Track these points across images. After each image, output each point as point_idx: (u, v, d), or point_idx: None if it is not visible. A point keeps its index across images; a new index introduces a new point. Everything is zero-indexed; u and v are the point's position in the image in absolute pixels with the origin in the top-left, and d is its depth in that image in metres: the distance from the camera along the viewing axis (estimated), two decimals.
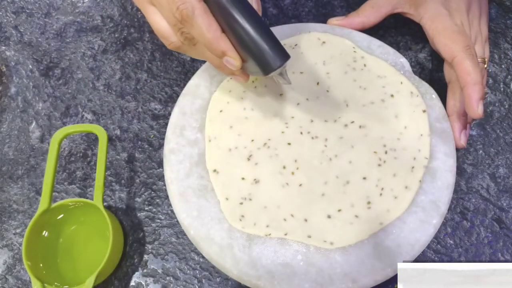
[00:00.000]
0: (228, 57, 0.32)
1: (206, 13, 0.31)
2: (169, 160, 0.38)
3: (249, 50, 0.32)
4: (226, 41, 0.32)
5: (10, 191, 0.44)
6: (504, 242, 0.40)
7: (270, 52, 0.32)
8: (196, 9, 0.30)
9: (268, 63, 0.32)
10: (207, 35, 0.31)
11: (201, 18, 0.31)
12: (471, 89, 0.37)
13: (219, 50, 0.32)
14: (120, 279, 0.41)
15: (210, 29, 0.31)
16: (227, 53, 0.32)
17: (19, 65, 0.50)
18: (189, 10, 0.30)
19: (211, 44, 0.32)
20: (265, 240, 0.35)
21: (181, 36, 0.33)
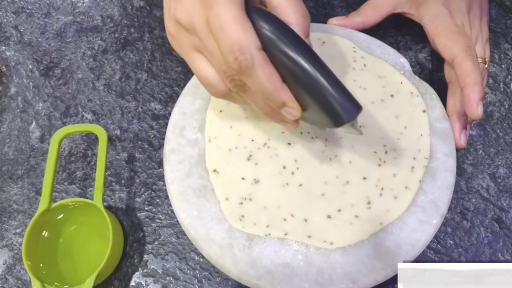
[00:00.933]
0: (288, 107, 0.30)
1: (266, 63, 0.28)
2: (169, 160, 0.38)
3: (318, 101, 0.29)
4: (287, 92, 0.30)
5: (10, 191, 0.44)
6: (504, 242, 0.40)
7: (343, 104, 0.29)
8: (256, 59, 0.28)
9: (340, 116, 0.29)
10: (268, 86, 0.29)
11: (261, 69, 0.28)
12: (471, 89, 0.37)
13: (279, 101, 0.30)
14: (120, 279, 0.41)
15: (271, 79, 0.29)
16: (287, 104, 0.30)
17: (19, 65, 0.50)
18: (249, 61, 0.28)
19: (270, 95, 0.29)
20: (265, 240, 0.35)
21: (231, 84, 0.31)
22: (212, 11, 0.28)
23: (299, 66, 0.28)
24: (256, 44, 0.28)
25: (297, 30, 0.30)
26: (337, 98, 0.29)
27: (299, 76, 0.29)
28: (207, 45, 0.29)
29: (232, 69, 0.29)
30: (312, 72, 0.28)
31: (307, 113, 0.31)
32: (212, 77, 0.31)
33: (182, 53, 0.32)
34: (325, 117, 0.30)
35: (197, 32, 0.29)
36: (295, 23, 0.30)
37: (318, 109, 0.30)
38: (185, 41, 0.31)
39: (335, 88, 0.29)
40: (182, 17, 0.30)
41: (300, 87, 0.29)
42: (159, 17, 0.51)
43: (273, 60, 0.29)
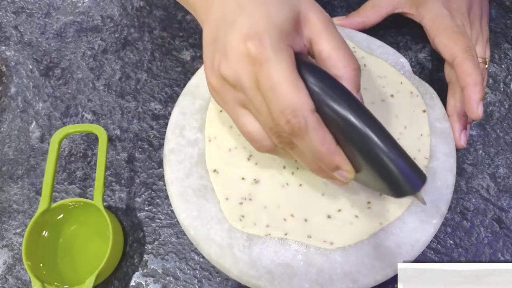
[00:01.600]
0: (342, 170, 0.28)
1: (320, 126, 0.27)
2: (169, 160, 0.38)
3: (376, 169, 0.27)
4: (341, 155, 0.28)
5: (10, 191, 0.44)
6: (504, 242, 0.40)
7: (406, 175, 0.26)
8: (309, 122, 0.26)
9: (402, 187, 0.27)
10: (321, 149, 0.27)
11: (314, 132, 0.26)
12: (471, 90, 0.37)
13: (333, 165, 0.28)
14: (120, 279, 0.41)
15: (324, 143, 0.27)
16: (341, 167, 0.28)
17: (19, 65, 0.50)
18: (302, 124, 0.26)
19: (323, 158, 0.28)
20: (265, 240, 0.35)
21: (277, 140, 0.29)
22: (262, 70, 0.26)
23: (356, 130, 0.26)
24: (309, 106, 0.26)
25: (348, 85, 0.28)
26: (399, 167, 0.26)
27: (356, 140, 0.27)
28: (255, 102, 0.28)
29: (282, 130, 0.27)
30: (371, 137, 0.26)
31: (361, 175, 0.29)
32: (258, 133, 0.30)
33: (226, 108, 0.31)
34: (384, 185, 0.28)
35: (244, 89, 0.28)
36: (346, 78, 0.28)
37: (376, 176, 0.27)
38: (230, 96, 0.29)
39: (397, 156, 0.26)
40: (228, 73, 0.28)
41: (356, 150, 0.27)
42: (159, 17, 0.51)
43: (325, 119, 0.27)
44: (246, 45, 0.26)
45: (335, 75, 0.28)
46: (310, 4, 0.30)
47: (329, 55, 0.29)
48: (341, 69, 0.28)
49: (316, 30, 0.29)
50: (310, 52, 0.30)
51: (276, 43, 0.26)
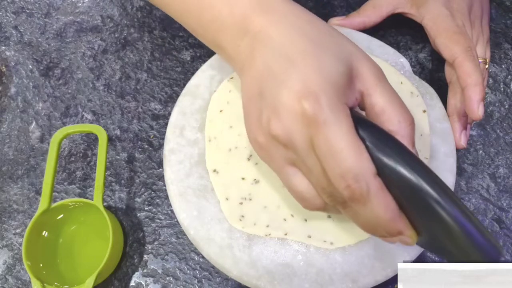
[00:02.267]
0: (404, 236, 0.26)
1: (383, 192, 0.25)
2: (169, 160, 0.38)
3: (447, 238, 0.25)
4: (404, 221, 0.26)
5: (10, 191, 0.44)
6: (504, 242, 0.40)
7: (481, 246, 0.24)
8: (372, 188, 0.25)
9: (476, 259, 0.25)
10: (383, 216, 0.25)
11: (377, 198, 0.25)
12: (472, 90, 0.37)
13: (395, 230, 0.26)
14: (120, 279, 0.41)
15: (388, 210, 0.25)
16: (404, 233, 0.26)
17: (19, 65, 0.50)
18: (364, 190, 0.24)
19: (385, 225, 0.26)
20: (265, 240, 0.35)
21: (329, 199, 0.27)
22: (320, 132, 0.25)
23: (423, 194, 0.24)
24: (372, 170, 0.25)
25: (404, 141, 0.27)
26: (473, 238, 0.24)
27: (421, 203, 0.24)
28: (307, 163, 0.26)
29: (340, 194, 0.26)
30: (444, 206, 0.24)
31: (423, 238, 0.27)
32: (308, 192, 0.28)
33: (273, 166, 0.30)
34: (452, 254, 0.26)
35: (296, 149, 0.26)
36: (402, 134, 0.27)
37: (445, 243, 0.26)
38: (279, 155, 0.28)
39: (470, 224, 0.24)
40: (280, 133, 0.26)
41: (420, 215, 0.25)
42: (159, 17, 0.51)
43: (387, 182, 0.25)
44: (302, 104, 0.25)
45: (389, 130, 0.27)
46: (361, 56, 0.28)
47: (383, 109, 0.27)
48: (396, 124, 0.27)
49: (368, 83, 0.27)
50: (360, 105, 0.29)
51: (333, 103, 0.25)
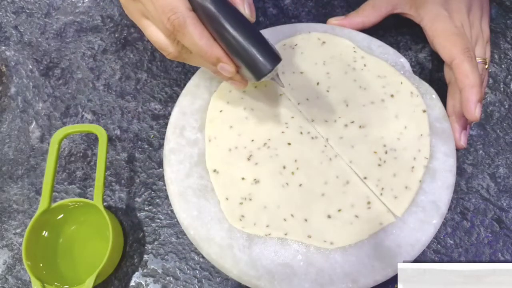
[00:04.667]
0: (222, 63, 0.33)
1: (197, 22, 0.31)
2: (169, 160, 0.38)
3: (239, 56, 0.32)
4: (218, 49, 0.32)
5: (10, 191, 0.44)
6: (504, 242, 0.40)
7: (259, 57, 0.32)
8: (187, 19, 0.30)
9: (258, 68, 0.32)
10: (199, 43, 0.31)
11: (192, 27, 0.31)
12: (469, 91, 0.37)
13: (213, 57, 0.32)
14: (120, 279, 0.41)
15: (202, 37, 0.31)
16: (221, 60, 0.32)
17: (19, 65, 0.50)
18: (180, 20, 0.30)
19: (204, 52, 0.32)
20: (265, 240, 0.35)
21: (178, 46, 0.33)
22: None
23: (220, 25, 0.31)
24: (186, 5, 0.31)
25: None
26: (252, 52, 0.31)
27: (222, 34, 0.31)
28: (149, 10, 0.32)
29: (168, 30, 0.31)
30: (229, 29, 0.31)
31: (242, 70, 0.34)
32: (162, 40, 0.34)
33: (134, 20, 0.35)
34: (249, 72, 0.33)
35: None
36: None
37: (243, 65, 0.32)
38: (133, 8, 0.34)
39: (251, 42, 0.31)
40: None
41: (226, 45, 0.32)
42: None
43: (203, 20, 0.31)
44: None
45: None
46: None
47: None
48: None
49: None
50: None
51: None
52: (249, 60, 0.32)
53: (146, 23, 0.34)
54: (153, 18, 0.33)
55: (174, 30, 0.31)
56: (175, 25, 0.31)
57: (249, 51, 0.31)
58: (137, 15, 0.34)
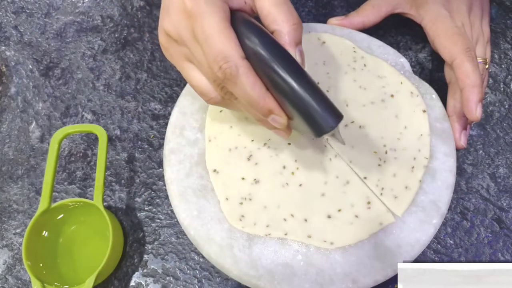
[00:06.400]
0: (275, 115, 0.30)
1: (250, 71, 0.29)
2: (169, 160, 0.38)
3: (298, 110, 0.29)
4: (271, 100, 0.30)
5: (10, 191, 0.44)
6: (504, 242, 0.40)
7: (322, 114, 0.29)
8: (240, 68, 0.28)
9: (319, 125, 0.29)
10: (252, 93, 0.29)
11: (245, 76, 0.29)
12: (470, 91, 0.37)
13: (265, 109, 0.30)
14: (120, 279, 0.41)
15: (255, 87, 0.29)
16: (273, 112, 0.30)
17: (19, 65, 0.50)
18: (233, 69, 0.28)
19: (256, 102, 0.30)
20: (265, 240, 0.35)
21: (222, 91, 0.31)
22: (197, 23, 0.29)
23: (278, 75, 0.29)
24: (239, 53, 0.29)
25: (288, 39, 0.30)
26: (315, 107, 0.29)
27: (279, 85, 0.29)
28: (196, 55, 0.30)
29: (218, 77, 0.29)
30: (288, 81, 0.29)
31: (294, 122, 0.31)
32: (204, 85, 0.32)
33: (174, 63, 0.33)
34: (307, 126, 0.30)
35: (185, 43, 0.30)
36: (286, 32, 0.30)
37: (300, 118, 0.30)
38: (176, 51, 0.32)
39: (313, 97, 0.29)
40: (170, 28, 0.31)
41: (283, 96, 0.30)
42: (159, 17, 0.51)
43: (257, 69, 0.29)
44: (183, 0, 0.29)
45: (275, 30, 0.30)
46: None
47: (269, 11, 0.30)
48: (281, 23, 0.30)
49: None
50: (254, 10, 0.32)
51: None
52: (310, 115, 0.29)
53: (189, 67, 0.32)
54: (199, 63, 0.31)
55: (225, 79, 0.29)
56: (227, 74, 0.28)
57: (310, 106, 0.29)
58: (179, 58, 0.32)
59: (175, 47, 0.32)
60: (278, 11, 0.30)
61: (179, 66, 0.33)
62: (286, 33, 0.30)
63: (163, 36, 0.32)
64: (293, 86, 0.29)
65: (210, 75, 0.30)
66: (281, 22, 0.30)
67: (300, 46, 0.31)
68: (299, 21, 0.31)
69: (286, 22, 0.30)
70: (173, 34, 0.31)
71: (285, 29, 0.30)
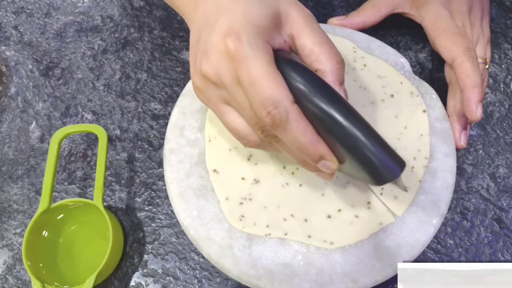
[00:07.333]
0: (326, 161, 0.29)
1: (300, 117, 0.27)
2: (169, 160, 0.38)
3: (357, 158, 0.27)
4: (323, 145, 0.28)
5: (10, 191, 0.44)
6: (504, 242, 0.40)
7: (385, 163, 0.27)
8: (290, 113, 0.27)
9: (382, 174, 0.28)
10: (303, 140, 0.27)
11: (296, 122, 0.27)
12: (470, 91, 0.37)
13: (316, 155, 0.28)
14: (120, 279, 0.41)
15: (306, 133, 0.27)
16: (325, 158, 0.28)
17: (19, 65, 0.50)
18: (283, 115, 0.27)
19: (307, 149, 0.28)
20: (265, 240, 0.35)
21: (262, 134, 0.29)
22: (242, 67, 0.27)
23: (334, 120, 0.27)
24: (289, 97, 0.27)
25: (332, 78, 0.29)
26: (377, 155, 0.27)
27: (335, 130, 0.27)
28: (237, 98, 0.28)
29: (264, 123, 0.28)
30: (347, 127, 0.27)
31: (344, 166, 0.29)
32: (243, 129, 0.30)
33: (210, 106, 0.32)
34: (364, 173, 0.28)
35: (225, 86, 0.29)
36: (329, 71, 0.29)
37: (356, 164, 0.28)
38: (213, 94, 0.30)
39: (375, 144, 0.27)
40: (209, 71, 0.29)
41: (336, 141, 0.28)
42: (159, 17, 0.51)
43: (305, 112, 0.28)
44: (225, 42, 0.27)
45: (318, 69, 0.29)
46: (290, 1, 0.30)
47: (312, 50, 0.29)
48: (324, 63, 0.29)
49: (297, 26, 0.30)
50: (292, 48, 0.31)
51: (254, 40, 0.27)
52: (371, 164, 0.27)
53: (226, 110, 0.30)
54: (239, 106, 0.29)
55: (274, 125, 0.27)
56: (276, 120, 0.27)
57: (372, 154, 0.27)
58: (216, 101, 0.30)
59: (213, 90, 0.30)
60: (321, 50, 0.29)
61: (216, 108, 0.31)
62: (330, 72, 0.29)
63: (199, 78, 0.30)
64: (352, 132, 0.27)
65: (254, 120, 0.28)
66: (324, 61, 0.29)
67: (343, 85, 0.30)
68: (342, 60, 0.30)
69: (329, 61, 0.29)
70: (213, 77, 0.29)
71: (328, 68, 0.29)
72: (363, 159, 0.27)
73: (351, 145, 0.27)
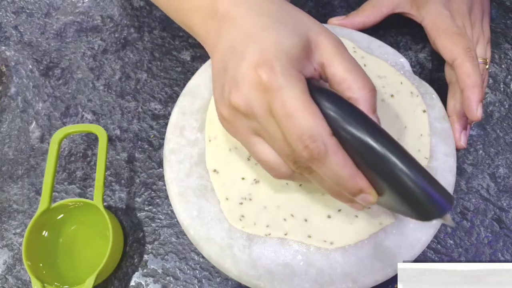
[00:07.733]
0: (365, 194, 0.28)
1: (339, 150, 0.26)
2: (169, 160, 0.38)
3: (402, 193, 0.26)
4: (363, 179, 0.27)
5: (10, 191, 0.44)
6: (504, 242, 0.40)
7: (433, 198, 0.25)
8: (329, 147, 0.26)
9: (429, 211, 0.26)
10: (342, 173, 0.26)
11: (335, 156, 0.26)
12: (471, 91, 0.37)
13: (356, 189, 0.27)
14: (120, 279, 0.41)
15: (346, 167, 0.26)
16: (364, 191, 0.27)
17: (19, 65, 0.50)
18: (321, 149, 0.26)
19: (345, 182, 0.27)
20: (265, 240, 0.35)
21: (294, 166, 0.28)
22: (275, 98, 0.26)
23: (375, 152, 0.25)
24: (327, 130, 0.26)
25: (364, 107, 0.28)
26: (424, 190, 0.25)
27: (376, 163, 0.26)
28: (269, 129, 0.28)
29: (301, 156, 0.27)
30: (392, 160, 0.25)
31: (383, 199, 0.28)
32: (274, 160, 0.29)
33: (239, 137, 0.31)
34: (408, 208, 0.26)
35: (257, 117, 0.28)
36: (362, 100, 0.28)
37: (399, 199, 0.26)
38: (242, 125, 0.29)
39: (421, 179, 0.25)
40: (240, 103, 0.28)
41: (377, 174, 0.26)
42: (159, 17, 0.51)
43: (342, 143, 0.26)
44: (257, 72, 0.26)
45: (350, 97, 0.28)
46: (320, 29, 0.29)
47: (343, 78, 0.28)
48: (357, 91, 0.28)
49: (327, 53, 0.29)
50: (322, 76, 0.30)
51: (287, 70, 0.26)
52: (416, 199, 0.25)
53: (256, 141, 0.29)
54: (271, 138, 0.28)
55: (311, 159, 0.26)
56: (314, 154, 0.26)
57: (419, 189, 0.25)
58: (246, 132, 0.29)
59: (243, 121, 0.29)
60: (353, 78, 0.28)
61: (245, 139, 0.30)
62: (363, 101, 0.28)
63: (228, 109, 0.29)
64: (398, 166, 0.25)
65: (287, 152, 0.28)
66: (357, 89, 0.28)
67: (376, 113, 0.29)
68: (374, 87, 0.29)
69: (362, 90, 0.28)
70: (243, 108, 0.28)
71: (361, 96, 0.28)
72: (407, 194, 0.25)
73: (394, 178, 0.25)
